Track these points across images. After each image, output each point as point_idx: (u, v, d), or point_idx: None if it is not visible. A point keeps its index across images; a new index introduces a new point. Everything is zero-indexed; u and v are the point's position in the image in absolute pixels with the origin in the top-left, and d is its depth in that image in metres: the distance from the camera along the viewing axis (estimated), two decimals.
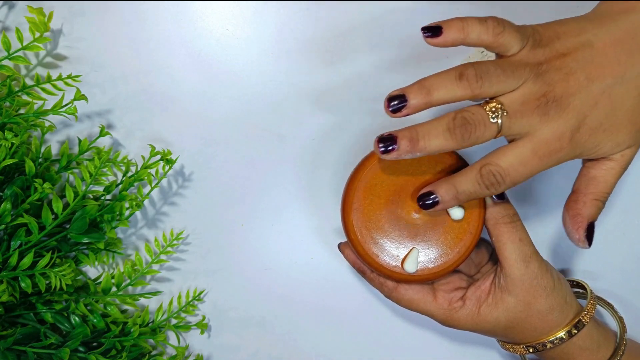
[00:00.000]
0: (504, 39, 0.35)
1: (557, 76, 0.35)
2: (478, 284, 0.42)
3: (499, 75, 0.34)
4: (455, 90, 0.35)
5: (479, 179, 0.35)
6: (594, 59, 0.35)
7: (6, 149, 0.41)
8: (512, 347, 0.42)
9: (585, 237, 0.38)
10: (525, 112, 0.35)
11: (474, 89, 0.34)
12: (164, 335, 0.47)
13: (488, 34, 0.35)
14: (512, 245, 0.40)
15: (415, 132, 0.35)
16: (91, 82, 0.47)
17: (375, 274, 0.43)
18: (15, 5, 0.47)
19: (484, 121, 0.35)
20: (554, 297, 0.40)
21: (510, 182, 0.35)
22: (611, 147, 0.36)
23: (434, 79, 0.35)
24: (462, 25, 0.35)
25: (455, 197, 0.36)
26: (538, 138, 0.35)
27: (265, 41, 0.48)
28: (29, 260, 0.41)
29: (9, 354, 0.41)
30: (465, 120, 0.35)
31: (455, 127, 0.35)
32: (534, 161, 0.35)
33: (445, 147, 0.35)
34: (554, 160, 0.35)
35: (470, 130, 0.35)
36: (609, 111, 0.35)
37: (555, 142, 0.35)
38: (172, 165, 0.45)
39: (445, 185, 0.37)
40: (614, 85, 0.35)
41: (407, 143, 0.35)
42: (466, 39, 0.35)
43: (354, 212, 0.41)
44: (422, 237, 0.41)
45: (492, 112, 0.35)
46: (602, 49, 0.35)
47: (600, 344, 0.41)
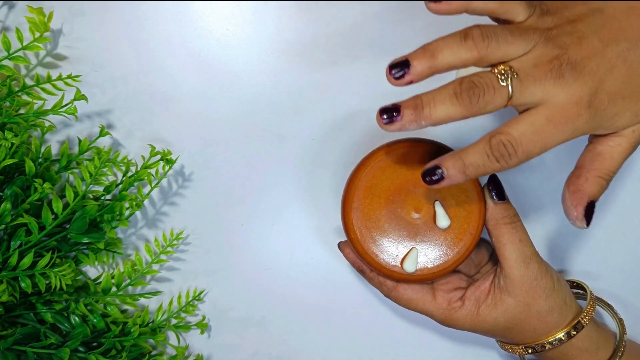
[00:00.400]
0: (509, 4, 0.33)
1: (569, 40, 0.33)
2: (477, 284, 0.42)
3: (507, 36, 0.33)
4: (460, 52, 0.32)
5: (487, 150, 0.33)
6: (606, 24, 0.33)
7: (6, 149, 0.41)
8: (511, 347, 0.42)
9: (583, 215, 0.36)
10: (537, 75, 0.32)
11: (480, 49, 0.32)
12: (164, 335, 0.47)
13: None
14: (512, 246, 0.39)
15: (419, 99, 0.33)
16: (91, 82, 0.47)
17: (374, 273, 0.43)
18: (15, 5, 0.47)
19: (492, 84, 0.32)
20: (554, 299, 0.40)
21: (522, 153, 0.33)
22: (630, 117, 0.34)
23: (438, 41, 0.33)
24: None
25: (462, 170, 0.33)
26: (553, 103, 0.32)
27: (265, 41, 0.48)
28: (29, 260, 0.41)
29: (9, 354, 0.41)
30: (472, 84, 0.32)
31: (462, 92, 0.32)
32: (549, 129, 0.32)
33: (453, 113, 0.33)
34: (570, 129, 0.33)
35: (479, 93, 0.32)
36: (626, 77, 0.33)
37: (572, 108, 0.32)
38: (172, 165, 0.45)
39: (452, 158, 0.34)
40: (630, 50, 0.33)
41: (411, 111, 0.33)
42: (471, 5, 0.33)
43: (354, 211, 0.41)
44: (422, 237, 0.40)
45: (501, 75, 0.33)
46: (613, 14, 0.33)
47: (600, 345, 0.41)
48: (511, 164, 0.33)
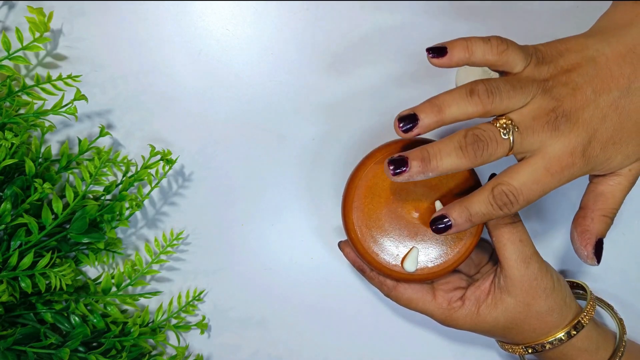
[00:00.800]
0: (508, 56, 0.35)
1: (564, 91, 0.35)
2: (478, 284, 0.42)
3: (509, 90, 0.34)
4: (467, 107, 0.34)
5: (491, 199, 0.35)
6: (599, 73, 0.35)
7: (6, 149, 0.41)
8: (511, 347, 0.42)
9: (594, 253, 0.38)
10: (536, 127, 0.34)
11: (486, 104, 0.34)
12: (164, 335, 0.47)
13: (492, 52, 0.35)
14: (512, 246, 0.39)
15: (426, 152, 0.35)
16: (91, 82, 0.47)
17: (374, 273, 0.43)
18: (15, 5, 0.47)
19: (495, 138, 0.34)
20: (554, 299, 0.40)
21: (523, 201, 0.35)
22: (621, 160, 0.36)
23: (445, 96, 0.35)
24: (467, 45, 0.35)
25: (469, 219, 0.36)
26: (550, 154, 0.34)
27: (265, 41, 0.48)
28: (29, 260, 0.41)
29: (9, 354, 0.41)
30: (477, 138, 0.34)
31: (467, 145, 0.34)
32: (546, 178, 0.35)
33: (458, 165, 0.34)
34: (566, 177, 0.35)
35: (483, 147, 0.34)
36: (617, 124, 0.35)
37: (567, 158, 0.34)
38: (172, 165, 0.45)
39: (458, 208, 0.36)
40: (621, 98, 0.35)
41: (419, 164, 0.34)
42: (471, 57, 0.35)
43: (354, 211, 0.41)
44: (422, 237, 0.41)
45: (503, 129, 0.34)
46: (605, 63, 0.35)
47: (600, 345, 0.41)
48: (513, 211, 0.35)
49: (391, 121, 0.48)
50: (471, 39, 0.35)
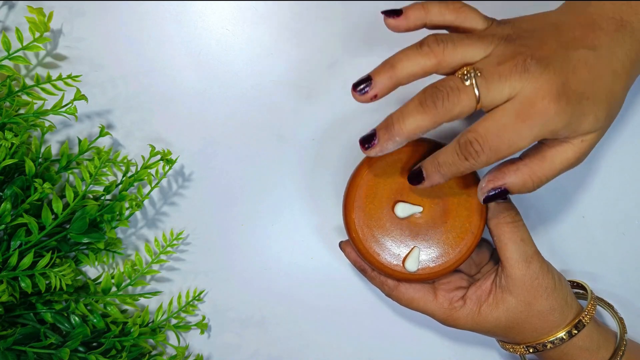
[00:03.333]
0: (465, 14, 0.34)
1: (529, 42, 0.33)
2: (479, 284, 0.42)
3: (463, 39, 0.33)
4: (418, 59, 0.33)
5: (457, 149, 0.33)
6: (563, 34, 0.34)
7: (6, 149, 0.41)
8: (512, 347, 0.42)
9: (487, 193, 0.36)
10: (502, 72, 0.32)
11: (437, 53, 0.33)
12: (164, 335, 0.47)
13: (449, 9, 0.34)
14: (513, 246, 0.39)
15: (389, 118, 0.34)
16: (91, 82, 0.47)
17: (376, 273, 0.43)
18: (15, 5, 0.47)
19: (456, 85, 0.33)
20: (555, 298, 0.40)
21: (489, 149, 0.32)
22: (592, 121, 0.33)
23: (398, 53, 0.34)
24: (422, 5, 0.35)
25: (438, 170, 0.35)
26: (520, 98, 0.32)
27: (265, 41, 0.48)
28: (29, 260, 0.41)
29: (9, 354, 0.41)
30: (436, 89, 0.33)
31: (426, 98, 0.33)
32: (516, 125, 0.32)
33: (422, 123, 0.33)
34: (538, 124, 0.32)
35: (442, 97, 0.32)
36: (589, 78, 0.33)
37: (540, 101, 0.32)
38: (172, 165, 0.45)
39: (429, 159, 0.36)
40: (589, 55, 0.33)
41: (384, 131, 0.34)
42: (427, 15, 0.34)
43: (355, 211, 0.41)
44: (423, 236, 0.41)
45: (464, 75, 0.33)
46: (568, 28, 0.34)
47: (600, 345, 0.41)
48: (480, 162, 0.33)
49: None
50: (427, 1, 0.35)
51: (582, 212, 0.48)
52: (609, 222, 0.48)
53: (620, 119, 0.47)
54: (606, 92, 0.34)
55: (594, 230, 0.48)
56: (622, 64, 0.34)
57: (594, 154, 0.47)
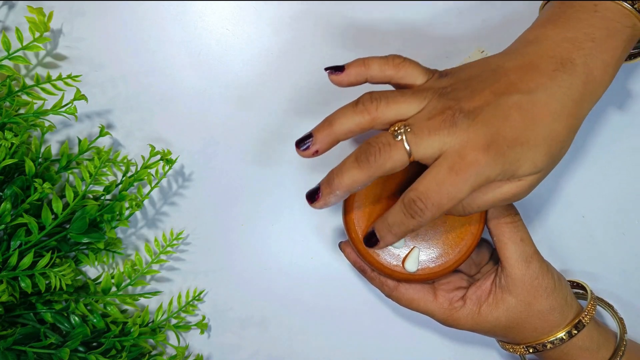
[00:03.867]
0: (405, 70, 0.35)
1: (461, 94, 0.34)
2: (479, 284, 0.42)
3: (396, 96, 0.34)
4: (354, 117, 0.35)
5: (403, 208, 0.34)
6: (499, 79, 0.34)
7: (6, 149, 0.41)
8: (512, 347, 0.42)
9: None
10: (431, 127, 0.33)
11: (371, 111, 0.34)
12: (164, 335, 0.47)
13: (389, 65, 0.36)
14: (513, 246, 0.39)
15: (331, 174, 0.36)
16: (91, 82, 0.47)
17: (375, 273, 0.43)
18: (15, 5, 0.47)
19: (388, 141, 0.34)
20: (555, 298, 0.40)
21: (432, 206, 0.33)
22: (530, 165, 0.34)
23: (336, 111, 0.36)
24: (363, 61, 0.36)
25: (389, 230, 0.36)
26: (451, 152, 0.33)
27: (265, 41, 0.48)
28: (28, 260, 0.41)
29: (9, 354, 0.41)
30: (369, 145, 0.34)
31: (360, 154, 0.34)
32: (451, 178, 0.33)
33: (358, 177, 0.34)
34: (472, 175, 0.32)
35: (374, 152, 0.34)
36: (522, 124, 0.33)
37: (469, 153, 0.32)
38: (172, 165, 0.45)
39: (380, 221, 0.37)
40: (523, 100, 0.33)
41: (326, 186, 0.36)
42: (368, 71, 0.36)
43: (355, 211, 0.41)
44: (423, 237, 0.41)
45: (395, 131, 0.34)
46: (505, 73, 0.34)
47: (600, 345, 0.41)
48: (425, 218, 0.34)
49: None
50: (369, 58, 0.36)
51: (582, 212, 0.48)
52: (609, 222, 0.48)
53: (620, 119, 0.47)
54: (544, 135, 0.34)
55: (594, 230, 0.48)
56: (561, 105, 0.34)
57: (594, 154, 0.47)
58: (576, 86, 0.34)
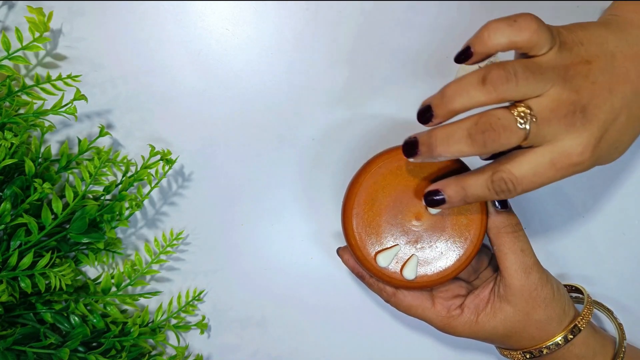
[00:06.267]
0: (538, 38, 0.32)
1: (584, 84, 0.33)
2: (477, 292, 0.41)
3: (528, 77, 0.32)
4: (478, 96, 0.32)
5: (489, 184, 0.34)
6: (616, 71, 0.34)
7: (6, 149, 0.41)
8: (509, 353, 0.42)
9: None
10: (552, 119, 0.32)
11: (500, 92, 0.32)
12: (164, 335, 0.47)
13: (521, 35, 0.32)
14: (513, 256, 0.39)
15: (434, 137, 0.34)
16: (91, 82, 0.47)
17: (374, 279, 0.43)
18: (15, 5, 0.47)
19: (510, 127, 0.32)
20: (553, 308, 0.40)
21: (521, 190, 0.34)
22: (613, 160, 0.36)
23: (455, 85, 0.33)
24: (489, 37, 0.33)
25: (464, 199, 0.35)
26: (560, 149, 0.33)
27: (265, 41, 0.48)
28: (28, 260, 0.41)
29: (9, 354, 0.41)
30: (489, 126, 0.32)
31: (477, 133, 0.32)
32: (550, 172, 0.33)
33: (466, 152, 0.33)
34: (570, 173, 0.33)
35: (494, 137, 0.32)
36: (624, 127, 0.34)
37: (577, 156, 0.33)
38: (172, 165, 0.45)
39: (454, 185, 0.36)
40: (632, 101, 0.34)
41: (426, 149, 0.34)
42: (497, 47, 0.33)
43: (354, 217, 0.40)
44: (422, 244, 0.40)
45: (521, 117, 0.32)
46: (622, 62, 0.34)
47: (597, 351, 0.41)
48: (509, 197, 0.35)
49: (391, 121, 0.48)
50: (495, 29, 0.33)
51: (582, 212, 0.48)
52: (609, 222, 0.48)
53: None
54: (633, 136, 0.36)
55: (594, 231, 0.48)
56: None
57: None
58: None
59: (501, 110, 0.33)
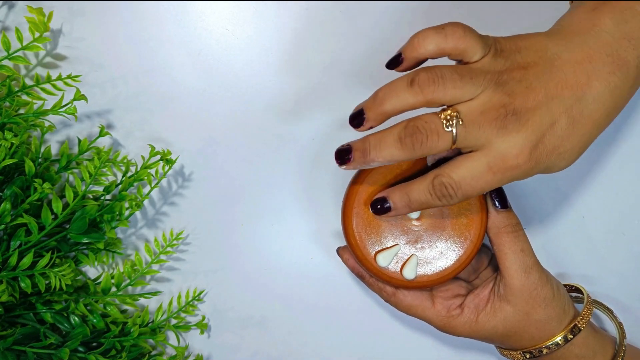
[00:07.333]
0: (466, 45, 0.33)
1: (517, 88, 0.33)
2: (477, 292, 0.41)
3: (455, 80, 0.33)
4: (407, 98, 0.33)
5: (431, 189, 0.35)
6: (553, 77, 0.34)
7: (6, 149, 0.41)
8: (509, 353, 0.42)
9: None
10: (482, 122, 0.33)
11: (426, 94, 0.33)
12: (164, 335, 0.47)
13: (447, 43, 0.34)
14: (513, 256, 0.39)
15: (367, 142, 0.35)
16: (91, 82, 0.47)
17: (374, 279, 0.43)
18: (15, 5, 0.47)
19: (437, 130, 0.33)
20: (553, 308, 0.40)
21: (462, 195, 0.34)
22: (561, 167, 0.35)
23: (386, 88, 0.34)
24: (418, 44, 0.34)
25: (408, 205, 0.36)
26: (494, 153, 0.33)
27: (265, 41, 0.48)
28: (28, 260, 0.41)
29: (9, 354, 0.41)
30: (416, 129, 0.33)
31: (405, 136, 0.34)
32: (487, 176, 0.34)
33: (397, 157, 0.34)
34: (508, 177, 0.34)
35: (422, 139, 0.33)
36: (566, 132, 0.34)
37: (512, 159, 0.33)
38: (172, 165, 0.45)
39: (398, 192, 0.37)
40: (573, 106, 0.34)
41: (360, 154, 0.35)
42: (426, 53, 0.34)
43: (354, 217, 0.40)
44: (422, 244, 0.40)
45: (447, 120, 0.33)
46: (561, 68, 0.34)
47: (597, 351, 0.41)
48: (452, 203, 0.35)
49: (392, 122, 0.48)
50: (424, 36, 0.34)
51: (582, 212, 0.48)
52: (609, 222, 0.48)
53: (621, 118, 0.47)
54: (583, 141, 0.35)
55: (594, 230, 0.48)
56: (606, 112, 0.34)
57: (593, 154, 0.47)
58: (625, 89, 0.34)
59: (429, 114, 0.34)
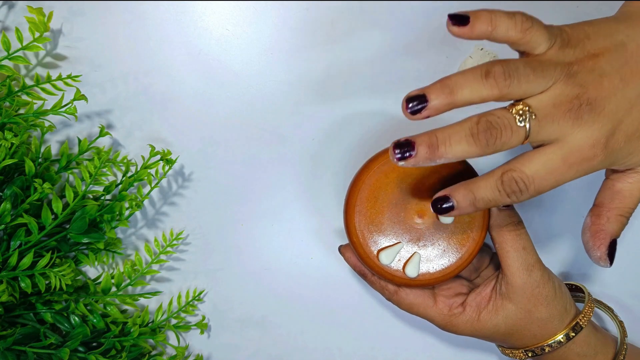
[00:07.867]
0: (531, 35, 0.32)
1: (589, 77, 0.32)
2: (479, 290, 0.41)
3: (529, 74, 0.32)
4: (480, 90, 0.31)
5: (499, 185, 0.33)
6: (628, 61, 0.33)
7: (6, 149, 0.41)
8: (511, 352, 0.42)
9: (607, 254, 0.36)
10: (556, 115, 0.32)
11: (502, 88, 0.32)
12: (164, 335, 0.47)
13: (516, 29, 0.32)
14: (515, 254, 0.39)
15: (434, 137, 0.32)
16: (91, 82, 0.47)
17: (376, 277, 0.43)
18: (15, 5, 0.47)
19: (510, 125, 0.32)
20: (555, 306, 0.40)
21: (534, 190, 0.33)
22: (638, 158, 0.34)
23: (458, 77, 0.32)
24: (491, 17, 0.32)
25: (473, 203, 0.34)
26: (569, 145, 0.32)
27: (265, 41, 0.48)
28: (28, 260, 0.41)
29: (9, 354, 0.41)
30: (490, 124, 0.32)
31: (479, 132, 0.32)
32: (562, 169, 0.32)
33: (468, 153, 0.32)
34: (584, 169, 0.32)
35: (496, 135, 0.32)
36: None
37: (588, 150, 0.32)
38: (172, 165, 0.45)
39: (462, 190, 0.34)
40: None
41: (426, 149, 0.32)
42: (493, 32, 0.32)
43: (356, 215, 0.40)
44: (424, 242, 0.40)
45: (520, 115, 0.32)
46: (635, 51, 0.33)
47: (598, 350, 0.41)
48: (522, 199, 0.33)
49: (392, 121, 0.48)
50: (496, 12, 0.32)
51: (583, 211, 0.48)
52: None
53: None
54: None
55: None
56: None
57: None
58: None
59: (500, 109, 0.33)
